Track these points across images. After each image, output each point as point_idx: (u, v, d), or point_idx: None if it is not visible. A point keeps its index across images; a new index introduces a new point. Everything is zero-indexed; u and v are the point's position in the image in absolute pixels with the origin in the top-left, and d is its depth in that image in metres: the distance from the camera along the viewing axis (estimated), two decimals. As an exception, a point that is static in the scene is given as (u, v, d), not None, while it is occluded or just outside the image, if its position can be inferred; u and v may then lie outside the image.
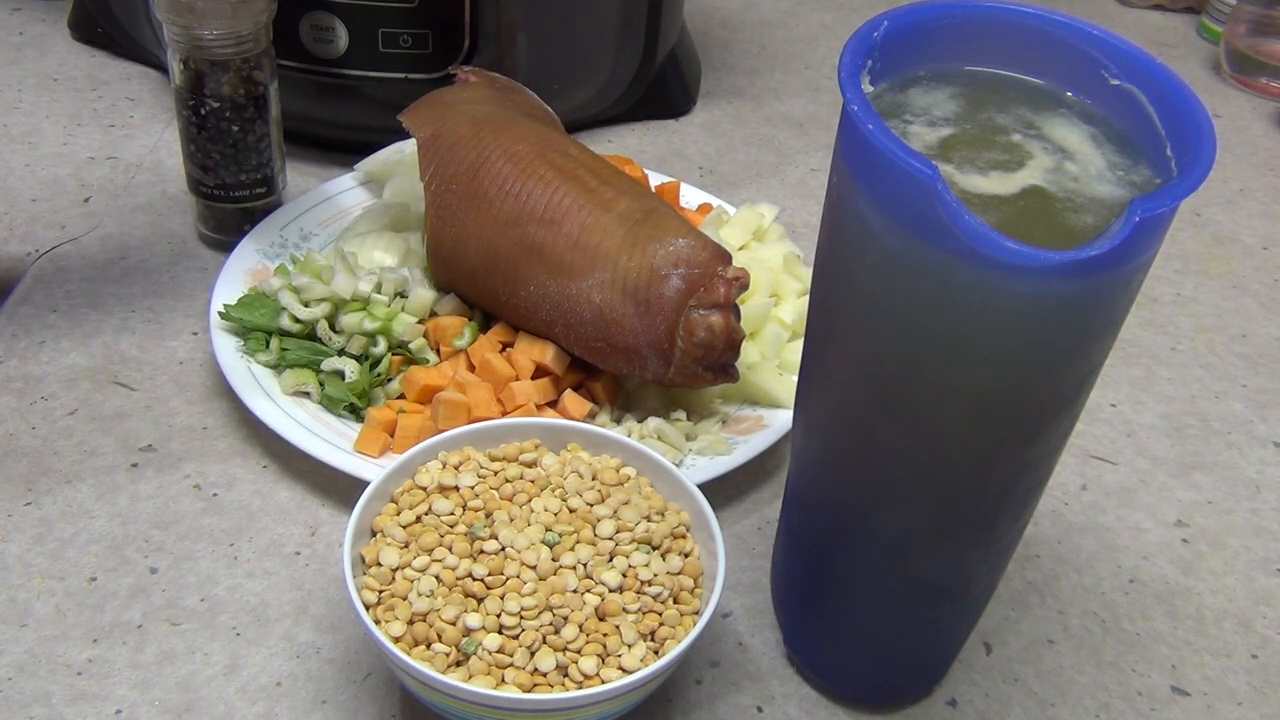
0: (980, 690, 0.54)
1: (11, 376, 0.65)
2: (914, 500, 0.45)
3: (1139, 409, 0.71)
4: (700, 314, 0.58)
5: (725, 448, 0.61)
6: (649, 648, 0.46)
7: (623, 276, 0.59)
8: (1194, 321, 0.79)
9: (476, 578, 0.47)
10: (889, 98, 0.42)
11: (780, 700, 0.53)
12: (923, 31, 0.42)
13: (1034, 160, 0.41)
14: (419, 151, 0.65)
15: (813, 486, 0.50)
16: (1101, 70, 0.42)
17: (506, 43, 0.80)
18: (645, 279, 0.58)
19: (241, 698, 0.51)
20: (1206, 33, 1.14)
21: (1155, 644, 0.57)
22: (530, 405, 0.61)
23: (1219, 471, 0.68)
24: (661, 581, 0.48)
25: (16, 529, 0.57)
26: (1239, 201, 0.92)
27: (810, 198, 0.86)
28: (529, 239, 0.61)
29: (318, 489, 0.60)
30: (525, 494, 0.50)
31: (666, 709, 0.52)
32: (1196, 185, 0.36)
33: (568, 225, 0.60)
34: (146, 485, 0.59)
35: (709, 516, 0.50)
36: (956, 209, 0.35)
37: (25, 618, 0.53)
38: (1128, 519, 0.64)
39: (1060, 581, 0.60)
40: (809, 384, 0.48)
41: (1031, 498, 0.46)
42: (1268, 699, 0.55)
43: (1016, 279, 0.36)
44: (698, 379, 0.60)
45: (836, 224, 0.42)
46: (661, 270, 0.58)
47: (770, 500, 0.62)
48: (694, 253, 0.58)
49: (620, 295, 0.59)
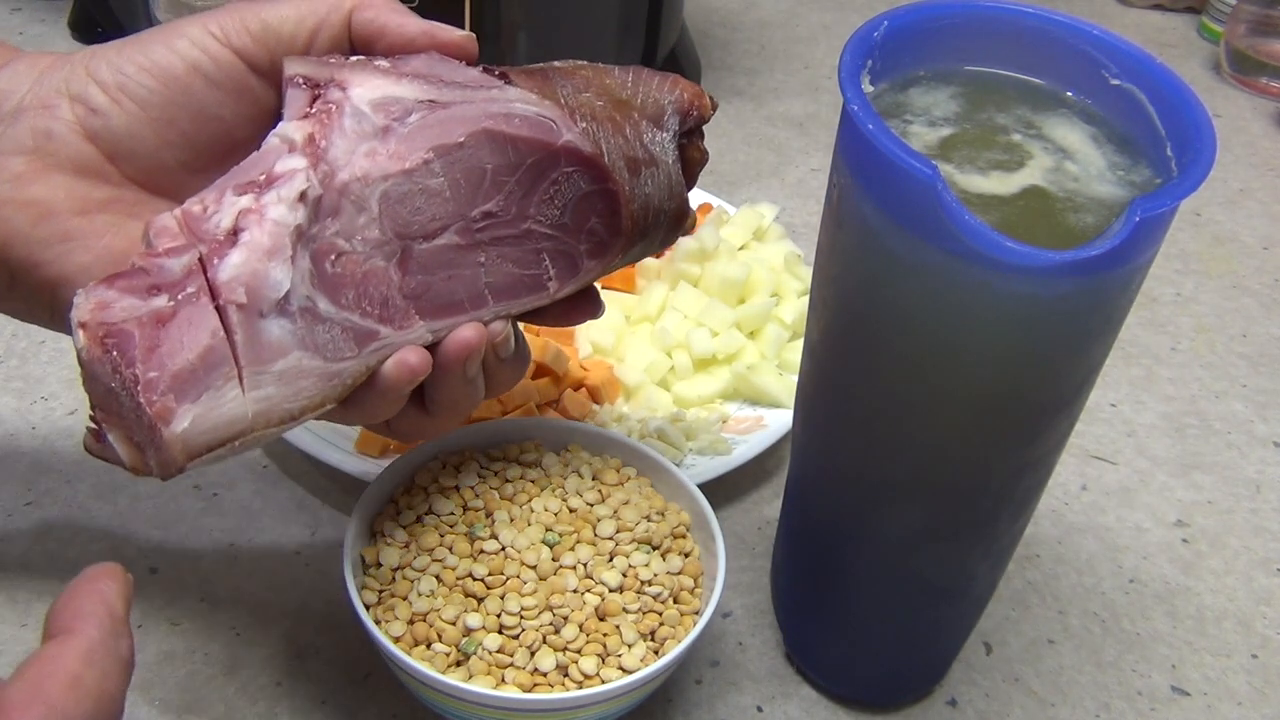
0: (980, 690, 0.54)
1: (11, 376, 0.65)
2: (914, 500, 0.45)
3: (1139, 409, 0.71)
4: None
5: (725, 448, 0.61)
6: (649, 648, 0.46)
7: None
8: (1194, 321, 0.79)
9: (476, 578, 0.47)
10: (889, 98, 0.42)
11: (780, 700, 0.53)
12: (923, 31, 0.42)
13: (1034, 160, 0.41)
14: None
15: (813, 486, 0.50)
16: (1101, 70, 0.42)
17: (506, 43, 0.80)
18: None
19: (241, 698, 0.51)
20: (1206, 33, 1.14)
21: (1155, 644, 0.57)
22: (530, 405, 0.61)
23: (1219, 471, 0.68)
24: (661, 581, 0.48)
25: (16, 529, 0.57)
26: (1239, 201, 0.92)
27: (810, 198, 0.86)
28: None
29: (318, 489, 0.60)
30: (525, 494, 0.50)
31: (666, 709, 0.52)
32: (1196, 185, 0.36)
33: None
34: (146, 485, 0.59)
35: (709, 516, 0.50)
36: (956, 209, 0.35)
37: (25, 618, 0.53)
38: (1128, 519, 0.64)
39: (1060, 581, 0.60)
40: (809, 384, 0.48)
41: (1031, 498, 0.46)
42: (1268, 699, 0.55)
43: (1016, 279, 0.36)
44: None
45: (836, 224, 0.42)
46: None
47: (770, 500, 0.62)
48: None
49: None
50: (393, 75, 0.42)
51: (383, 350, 0.42)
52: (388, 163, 0.41)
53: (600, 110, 0.43)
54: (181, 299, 0.38)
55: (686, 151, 0.46)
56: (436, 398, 0.44)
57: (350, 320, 0.41)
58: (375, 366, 0.42)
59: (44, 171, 0.41)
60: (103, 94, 0.41)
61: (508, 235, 0.43)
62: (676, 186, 0.45)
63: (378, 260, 0.41)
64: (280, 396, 0.40)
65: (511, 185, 0.43)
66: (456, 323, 0.43)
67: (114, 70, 0.41)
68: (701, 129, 0.47)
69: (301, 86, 0.41)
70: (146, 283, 0.38)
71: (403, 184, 0.41)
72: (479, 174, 0.42)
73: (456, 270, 0.43)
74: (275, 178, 0.39)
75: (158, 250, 0.39)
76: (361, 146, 0.41)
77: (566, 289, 0.45)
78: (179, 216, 0.39)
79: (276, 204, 0.39)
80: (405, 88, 0.41)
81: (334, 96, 0.41)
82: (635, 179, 0.44)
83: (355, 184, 0.40)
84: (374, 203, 0.41)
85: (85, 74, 0.42)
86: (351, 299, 0.41)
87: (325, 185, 0.40)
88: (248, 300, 0.38)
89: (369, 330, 0.41)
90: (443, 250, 0.42)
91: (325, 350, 0.40)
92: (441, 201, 0.42)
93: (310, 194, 0.39)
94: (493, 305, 0.44)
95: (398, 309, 0.42)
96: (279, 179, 0.39)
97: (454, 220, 0.42)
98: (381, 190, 0.41)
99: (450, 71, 0.43)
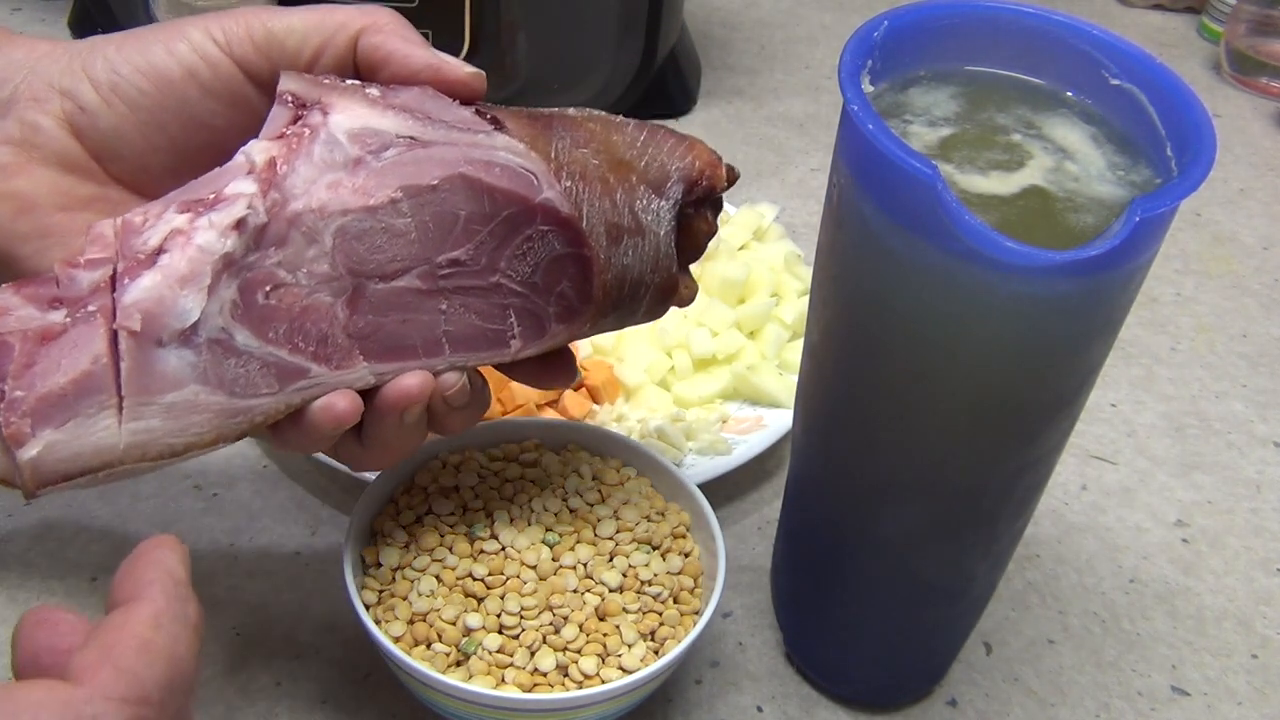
0: (980, 690, 0.54)
1: (11, 376, 0.65)
2: (914, 500, 0.45)
3: (1139, 409, 0.71)
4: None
5: (725, 448, 0.61)
6: (649, 648, 0.46)
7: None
8: (1194, 321, 0.79)
9: (477, 578, 0.47)
10: (889, 98, 0.42)
11: (780, 700, 0.53)
12: (923, 31, 0.42)
13: (1034, 160, 0.41)
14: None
15: (813, 486, 0.50)
16: (1101, 70, 0.42)
17: (506, 43, 0.80)
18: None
19: (241, 698, 0.51)
20: (1206, 33, 1.14)
21: (1155, 644, 0.57)
22: (530, 405, 0.61)
23: (1219, 471, 0.68)
24: (661, 581, 0.48)
25: (16, 529, 0.57)
26: (1239, 201, 0.92)
27: (810, 198, 0.86)
28: None
29: (318, 489, 0.60)
30: (525, 494, 0.50)
31: (666, 709, 0.52)
32: (1196, 185, 0.36)
33: None
34: (146, 485, 0.59)
35: (709, 516, 0.50)
36: (956, 209, 0.35)
37: (25, 618, 0.53)
38: (1128, 519, 0.64)
39: (1060, 581, 0.60)
40: (809, 384, 0.48)
41: (1031, 498, 0.46)
42: (1268, 699, 0.55)
43: (1016, 279, 0.36)
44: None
45: (836, 224, 0.42)
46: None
47: (770, 500, 0.62)
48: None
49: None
50: (379, 105, 0.40)
51: (310, 389, 0.40)
52: (350, 197, 0.39)
53: (592, 169, 0.41)
54: (78, 317, 0.37)
55: (691, 222, 0.44)
56: (371, 436, 0.42)
57: (274, 355, 0.39)
58: (299, 405, 0.40)
59: (29, 165, 0.41)
60: (94, 92, 0.41)
61: (474, 286, 0.41)
62: (664, 259, 0.42)
63: (323, 295, 0.40)
64: (164, 430, 0.38)
65: (484, 236, 0.41)
66: (405, 368, 0.41)
67: (109, 69, 0.41)
68: (717, 199, 0.44)
69: (288, 104, 0.40)
70: (52, 294, 0.37)
71: (364, 220, 0.39)
72: (450, 219, 0.40)
73: (413, 315, 0.41)
74: (221, 199, 0.38)
75: (78, 260, 0.38)
76: (326, 177, 0.39)
77: (530, 350, 0.43)
78: (118, 225, 0.38)
79: (207, 229, 0.37)
80: (389, 120, 0.40)
81: (313, 120, 0.39)
82: (614, 247, 0.41)
83: (309, 215, 0.39)
84: (328, 236, 0.39)
85: (80, 69, 0.41)
86: (282, 333, 0.39)
87: (273, 214, 0.38)
88: (143, 328, 0.37)
89: (296, 367, 0.39)
90: (400, 293, 0.40)
91: (233, 385, 0.39)
92: (406, 243, 0.40)
93: (251, 221, 0.38)
94: (449, 355, 0.42)
95: (338, 347, 0.40)
96: (223, 201, 0.38)
97: (417, 263, 0.40)
98: (339, 224, 0.39)
99: (440, 109, 0.41)
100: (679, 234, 0.43)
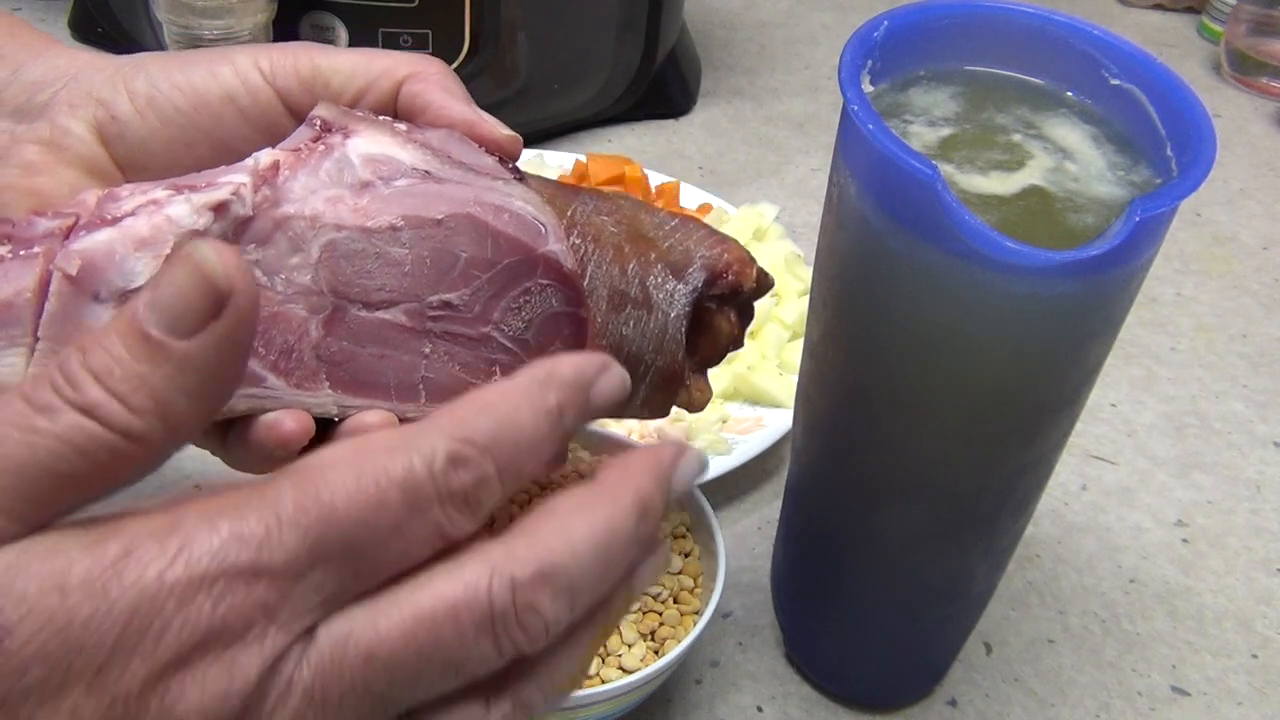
0: (980, 690, 0.54)
1: (11, 376, 0.64)
2: (914, 500, 0.45)
3: (1139, 409, 0.71)
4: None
5: (725, 448, 0.61)
6: (649, 648, 0.46)
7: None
8: (1194, 321, 0.79)
9: (476, 578, 0.47)
10: (889, 98, 0.42)
11: (780, 700, 0.53)
12: (923, 31, 0.42)
13: (1034, 160, 0.41)
14: None
15: (813, 486, 0.50)
16: (1101, 70, 0.42)
17: (506, 43, 0.80)
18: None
19: (241, 698, 0.50)
20: (1206, 33, 1.14)
21: (1155, 644, 0.57)
22: (530, 405, 0.61)
23: (1219, 471, 0.68)
24: (661, 581, 0.48)
25: (16, 529, 0.56)
26: (1239, 201, 0.92)
27: (810, 198, 0.86)
28: None
29: (318, 489, 0.60)
30: (525, 494, 0.50)
31: (666, 709, 0.52)
32: (1196, 185, 0.36)
33: None
34: (147, 485, 0.59)
35: (709, 516, 0.50)
36: (956, 209, 0.35)
37: (25, 618, 0.53)
38: (1128, 519, 0.64)
39: (1060, 581, 0.60)
40: (809, 384, 0.48)
41: (1031, 498, 0.46)
42: (1268, 699, 0.55)
43: (1017, 279, 0.36)
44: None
45: (836, 224, 0.42)
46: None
47: (770, 500, 0.62)
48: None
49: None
50: (401, 138, 0.39)
51: (262, 400, 0.37)
52: (348, 214, 0.38)
53: (608, 235, 0.39)
54: (20, 255, 0.35)
55: (711, 317, 0.41)
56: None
57: None
58: (243, 413, 0.37)
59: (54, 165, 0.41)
60: (130, 103, 0.41)
61: (463, 334, 0.39)
62: (670, 343, 0.40)
63: (297, 308, 0.38)
64: None
65: (482, 282, 0.38)
66: (371, 405, 0.39)
67: (149, 83, 0.41)
68: (746, 305, 0.42)
69: (314, 126, 0.39)
70: (6, 231, 0.36)
71: (358, 240, 0.38)
72: (450, 259, 0.38)
73: (392, 352, 0.39)
74: (211, 186, 0.37)
75: (45, 211, 0.36)
76: (328, 191, 0.38)
77: None
78: (102, 193, 0.37)
79: (182, 204, 0.36)
80: (407, 153, 0.38)
81: (332, 140, 0.38)
82: (615, 315, 0.39)
83: (299, 221, 0.37)
84: (316, 247, 0.37)
85: (121, 82, 0.41)
86: None
87: (260, 210, 0.37)
88: (80, 274, 0.35)
89: (251, 372, 0.37)
90: (383, 325, 0.38)
91: None
92: (399, 274, 0.38)
93: (234, 209, 0.36)
94: (423, 403, 0.39)
95: (303, 365, 0.38)
96: (211, 187, 0.37)
97: (407, 298, 0.38)
98: (330, 238, 0.37)
99: (464, 152, 0.39)
100: (698, 331, 0.41)
